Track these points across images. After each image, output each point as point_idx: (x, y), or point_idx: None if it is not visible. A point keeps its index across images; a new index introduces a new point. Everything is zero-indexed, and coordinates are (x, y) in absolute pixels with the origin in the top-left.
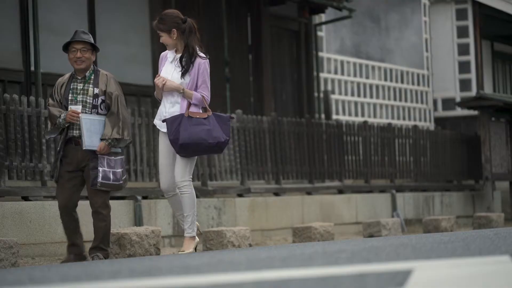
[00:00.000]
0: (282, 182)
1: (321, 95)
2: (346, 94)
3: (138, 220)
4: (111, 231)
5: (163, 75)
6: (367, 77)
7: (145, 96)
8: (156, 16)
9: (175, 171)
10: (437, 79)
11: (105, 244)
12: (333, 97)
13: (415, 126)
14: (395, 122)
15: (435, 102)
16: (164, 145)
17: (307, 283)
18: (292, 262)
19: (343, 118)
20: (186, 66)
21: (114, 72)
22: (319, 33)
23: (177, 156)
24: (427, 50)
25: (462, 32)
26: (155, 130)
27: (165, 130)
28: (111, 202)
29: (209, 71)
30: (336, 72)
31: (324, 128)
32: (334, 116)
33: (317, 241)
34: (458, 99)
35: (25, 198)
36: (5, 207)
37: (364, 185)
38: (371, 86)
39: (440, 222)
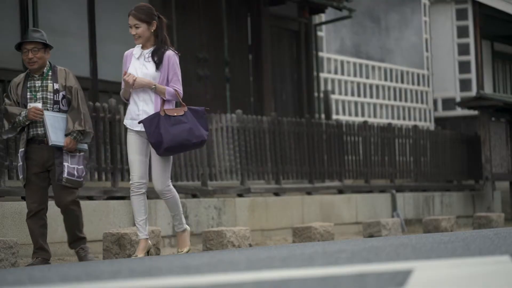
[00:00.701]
0: (282, 182)
1: (321, 95)
2: (346, 94)
3: None
4: (111, 231)
5: (130, 72)
6: (367, 77)
7: None
8: (132, 8)
9: (155, 179)
10: (437, 79)
11: (80, 231)
12: (333, 97)
13: (415, 126)
14: (395, 122)
15: (435, 102)
16: (135, 143)
17: (307, 283)
18: (292, 262)
19: (343, 118)
20: (158, 59)
21: (114, 72)
22: (319, 33)
23: (154, 160)
24: (427, 50)
25: (462, 32)
26: None
27: (137, 128)
28: (111, 203)
29: (179, 65)
30: (336, 72)
31: (324, 128)
32: (334, 116)
33: (317, 241)
34: (458, 99)
35: (25, 198)
36: (5, 207)
37: (364, 185)
38: (371, 86)
39: (440, 222)
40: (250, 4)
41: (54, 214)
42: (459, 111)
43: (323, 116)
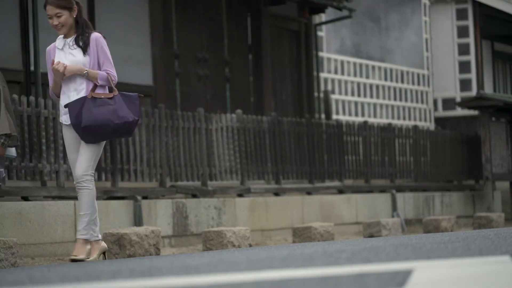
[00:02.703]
0: (282, 182)
1: (321, 95)
2: (346, 94)
3: (138, 220)
4: (111, 231)
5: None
6: (367, 77)
7: (145, 96)
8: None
9: (77, 163)
10: (437, 79)
11: None
12: (333, 97)
13: (415, 126)
14: (395, 122)
15: (435, 102)
16: (70, 139)
17: (307, 283)
18: (292, 262)
19: (343, 118)
20: (84, 43)
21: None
22: (319, 33)
23: (82, 146)
24: (427, 50)
25: (462, 32)
26: (155, 130)
27: (70, 122)
28: (111, 203)
29: (108, 47)
30: (336, 72)
31: (324, 128)
32: (334, 116)
33: (317, 241)
34: (458, 99)
35: (25, 198)
36: (5, 207)
37: (364, 185)
38: (371, 86)
39: (440, 222)
40: (250, 4)
41: (54, 214)
42: (459, 111)
43: (323, 116)
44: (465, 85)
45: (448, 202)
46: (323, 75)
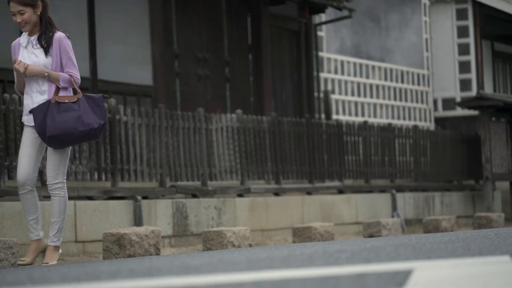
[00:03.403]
0: (282, 182)
1: (321, 95)
2: (346, 94)
3: (138, 220)
4: (111, 231)
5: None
6: (367, 77)
7: (145, 96)
8: None
9: (47, 171)
10: (437, 79)
11: None
12: (333, 97)
13: (415, 126)
14: (395, 122)
15: (435, 102)
16: (29, 137)
17: (307, 283)
18: (292, 262)
19: (343, 118)
20: (46, 43)
21: (114, 72)
22: (319, 33)
23: (49, 151)
24: (427, 50)
25: (462, 32)
26: (155, 130)
27: (33, 124)
28: (111, 203)
29: (72, 48)
30: (336, 72)
31: (324, 128)
32: (334, 116)
33: (317, 241)
34: (458, 99)
35: None
36: (5, 207)
37: (364, 185)
38: (371, 86)
39: (440, 222)
40: (250, 4)
41: None
42: (459, 111)
43: (323, 116)
44: (465, 85)
45: (448, 202)
46: (323, 75)
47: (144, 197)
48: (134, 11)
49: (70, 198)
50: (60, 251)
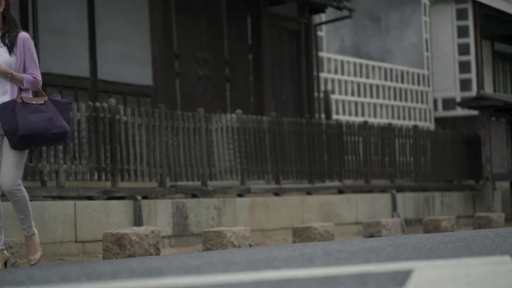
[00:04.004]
0: (282, 182)
1: (321, 95)
2: (346, 94)
3: (138, 220)
4: (111, 231)
5: None
6: (367, 77)
7: (145, 96)
8: None
9: (4, 177)
10: (437, 79)
11: None
12: (333, 97)
13: (415, 126)
14: (395, 122)
15: (435, 102)
16: None
17: (307, 283)
18: (292, 262)
19: (343, 118)
20: (10, 41)
21: (114, 72)
22: (319, 33)
23: (5, 156)
24: (427, 50)
25: (462, 32)
26: (155, 130)
27: None
28: (111, 203)
29: (35, 49)
30: (336, 72)
31: (324, 128)
32: (334, 116)
33: (317, 241)
34: (458, 99)
35: None
36: (5, 207)
37: (364, 185)
38: (371, 86)
39: (440, 222)
40: (250, 4)
41: (54, 214)
42: (459, 111)
43: (323, 116)
44: (465, 85)
45: (448, 202)
46: (323, 75)
47: (144, 197)
48: (134, 11)
49: (70, 198)
50: (6, 254)
